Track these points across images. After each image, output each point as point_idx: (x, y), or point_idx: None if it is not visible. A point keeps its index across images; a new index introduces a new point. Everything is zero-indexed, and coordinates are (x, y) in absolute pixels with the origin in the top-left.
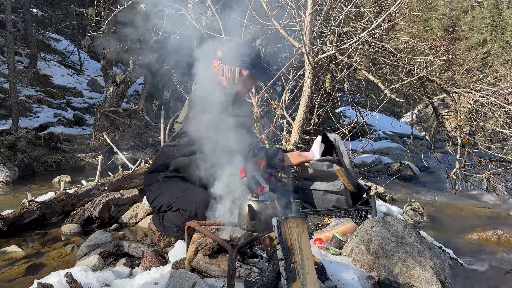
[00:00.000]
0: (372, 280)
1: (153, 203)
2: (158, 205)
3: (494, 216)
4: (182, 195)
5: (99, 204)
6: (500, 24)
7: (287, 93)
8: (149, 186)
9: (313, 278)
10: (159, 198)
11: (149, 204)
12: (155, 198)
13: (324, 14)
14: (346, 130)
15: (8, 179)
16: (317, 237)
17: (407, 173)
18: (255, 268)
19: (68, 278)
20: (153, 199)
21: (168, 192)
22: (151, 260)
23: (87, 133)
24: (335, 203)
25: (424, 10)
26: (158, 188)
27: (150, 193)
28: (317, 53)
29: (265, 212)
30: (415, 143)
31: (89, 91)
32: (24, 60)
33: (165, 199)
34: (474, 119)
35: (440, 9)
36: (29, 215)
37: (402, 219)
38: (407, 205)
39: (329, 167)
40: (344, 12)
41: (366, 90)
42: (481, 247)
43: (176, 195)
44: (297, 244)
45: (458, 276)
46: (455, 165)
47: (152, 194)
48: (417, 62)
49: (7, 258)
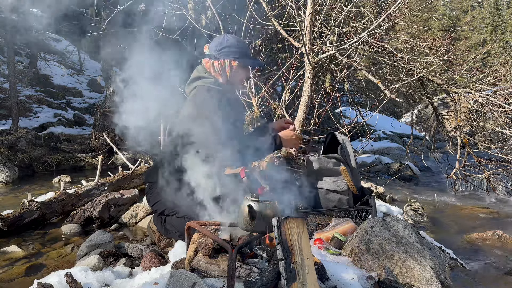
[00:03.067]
0: (372, 280)
1: (155, 205)
2: (161, 209)
3: (494, 216)
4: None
5: (99, 204)
6: (500, 24)
7: (287, 93)
8: (150, 186)
9: (313, 278)
10: (162, 202)
11: (150, 205)
12: (157, 201)
13: (324, 14)
14: (346, 130)
15: (8, 179)
16: (317, 237)
17: (407, 173)
18: (255, 268)
19: (68, 278)
20: (155, 202)
21: (171, 197)
22: (151, 260)
23: (87, 133)
24: (337, 203)
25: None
26: (160, 191)
27: (151, 195)
28: (317, 53)
29: (265, 212)
30: (415, 143)
31: (89, 91)
32: (24, 60)
33: (169, 203)
34: (474, 119)
35: (440, 9)
36: (29, 215)
37: (402, 219)
38: (407, 205)
39: (335, 165)
40: (344, 12)
41: (366, 90)
42: (481, 247)
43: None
44: (297, 244)
45: (458, 276)
46: (455, 165)
47: (154, 197)
48: (417, 62)
49: (7, 258)
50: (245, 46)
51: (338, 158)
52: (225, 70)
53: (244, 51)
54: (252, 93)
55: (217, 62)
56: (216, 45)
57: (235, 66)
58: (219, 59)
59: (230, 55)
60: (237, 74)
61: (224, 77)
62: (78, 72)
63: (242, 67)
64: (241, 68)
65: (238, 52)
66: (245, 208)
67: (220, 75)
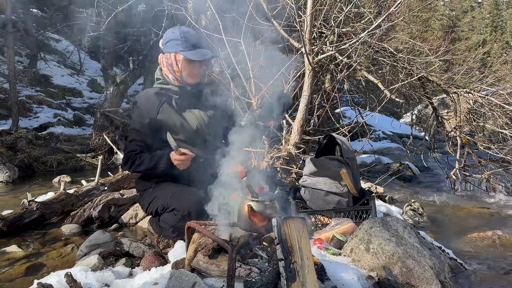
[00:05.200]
0: (372, 280)
1: (149, 208)
2: (154, 209)
3: (494, 216)
4: (174, 195)
5: (99, 204)
6: (499, 24)
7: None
8: (142, 193)
9: (313, 278)
10: (153, 202)
11: (145, 210)
12: (150, 203)
13: (324, 15)
14: (346, 130)
15: (8, 179)
16: (317, 237)
17: (407, 173)
18: (255, 268)
19: (68, 278)
20: (148, 205)
21: (161, 195)
22: (151, 260)
23: (87, 133)
24: (336, 205)
25: (424, 11)
26: (151, 193)
27: (143, 200)
28: (317, 54)
29: (265, 212)
30: (414, 143)
31: (89, 91)
32: (24, 60)
33: (159, 202)
34: (474, 119)
35: (440, 9)
36: (29, 215)
37: (401, 219)
38: (407, 205)
39: (335, 167)
40: (344, 12)
41: (366, 91)
42: (481, 247)
43: (169, 196)
44: (297, 244)
45: (458, 276)
46: (454, 165)
47: (146, 201)
48: (417, 63)
49: (7, 258)
50: (192, 37)
51: (339, 159)
52: (172, 66)
53: (190, 42)
54: (252, 93)
55: (165, 57)
56: (164, 38)
57: (180, 60)
58: (165, 53)
59: (174, 49)
60: (184, 70)
61: (173, 74)
62: (78, 72)
63: (188, 61)
64: (187, 62)
65: (182, 44)
66: (245, 208)
67: (170, 72)
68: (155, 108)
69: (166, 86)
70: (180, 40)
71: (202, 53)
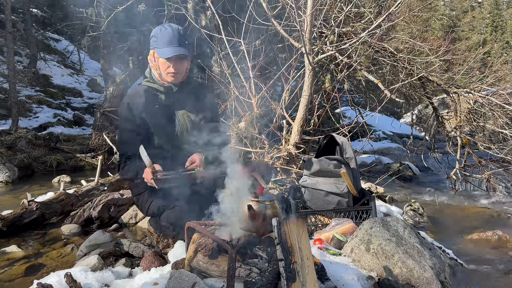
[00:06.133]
0: (372, 281)
1: (149, 209)
2: (155, 208)
3: (494, 216)
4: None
5: (98, 204)
6: (500, 24)
7: (287, 93)
8: (137, 197)
9: (313, 278)
10: (154, 202)
11: (145, 213)
12: (150, 205)
13: (324, 14)
14: (346, 130)
15: (8, 179)
16: (317, 237)
17: (407, 173)
18: (255, 268)
19: (68, 278)
20: (148, 206)
21: (159, 193)
22: (150, 260)
23: (87, 133)
24: (336, 205)
25: (424, 10)
26: (148, 195)
27: (141, 204)
28: (317, 53)
29: (265, 212)
30: (415, 143)
31: (89, 91)
32: (24, 60)
33: (160, 200)
34: (474, 120)
35: (440, 9)
36: (29, 215)
37: (402, 220)
38: (407, 205)
39: (336, 167)
40: (344, 12)
41: (366, 90)
42: (481, 247)
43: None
44: (297, 244)
45: (458, 277)
46: (455, 166)
47: (145, 203)
48: (417, 63)
49: (7, 258)
50: (168, 34)
51: (339, 159)
52: (153, 62)
53: (166, 39)
54: (252, 93)
55: (150, 54)
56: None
57: (157, 57)
58: (150, 50)
59: (152, 45)
60: (161, 66)
61: (156, 72)
62: (78, 72)
63: (163, 58)
64: (163, 60)
65: (157, 41)
66: (245, 208)
67: (154, 69)
68: (141, 108)
69: (153, 85)
70: (156, 37)
71: (172, 50)
